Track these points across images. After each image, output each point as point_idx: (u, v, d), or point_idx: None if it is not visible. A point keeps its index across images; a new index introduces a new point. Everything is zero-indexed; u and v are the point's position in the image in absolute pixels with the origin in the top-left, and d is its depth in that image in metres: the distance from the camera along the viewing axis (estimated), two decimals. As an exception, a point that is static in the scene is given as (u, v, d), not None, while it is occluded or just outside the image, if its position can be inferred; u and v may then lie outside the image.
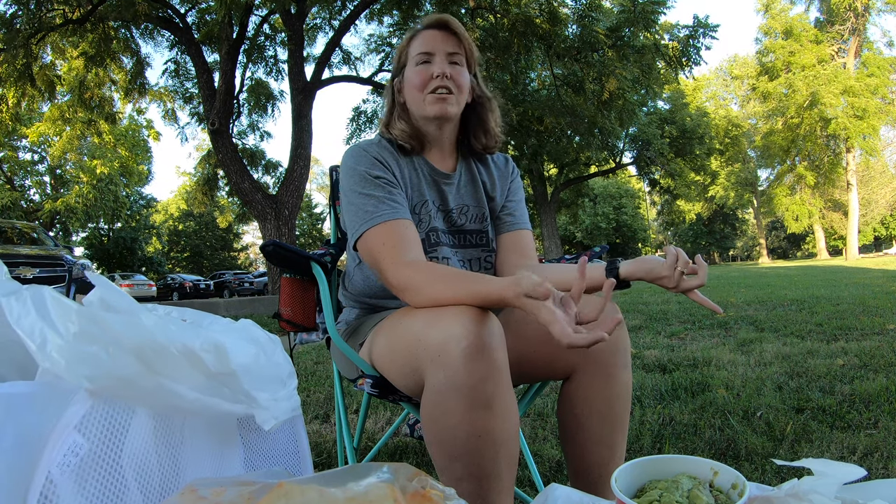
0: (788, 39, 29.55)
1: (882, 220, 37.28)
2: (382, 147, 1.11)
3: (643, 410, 1.97)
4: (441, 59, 1.08)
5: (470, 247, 1.17)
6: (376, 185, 1.04)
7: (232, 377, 0.73)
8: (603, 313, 0.79)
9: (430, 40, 1.09)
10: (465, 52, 1.11)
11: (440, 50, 1.08)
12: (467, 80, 1.11)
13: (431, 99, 1.07)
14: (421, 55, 1.09)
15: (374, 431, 1.97)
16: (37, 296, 0.65)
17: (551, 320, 0.74)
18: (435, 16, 1.11)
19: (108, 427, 0.67)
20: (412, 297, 0.91)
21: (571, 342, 0.72)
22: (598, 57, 9.52)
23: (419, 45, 1.10)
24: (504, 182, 1.24)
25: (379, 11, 10.89)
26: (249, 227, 39.52)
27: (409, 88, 1.11)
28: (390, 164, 1.09)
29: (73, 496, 0.60)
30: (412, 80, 1.10)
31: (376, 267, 0.99)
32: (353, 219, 1.03)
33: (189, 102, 12.34)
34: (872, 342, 3.02)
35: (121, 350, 0.64)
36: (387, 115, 1.17)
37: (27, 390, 0.63)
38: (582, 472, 1.01)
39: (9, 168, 24.14)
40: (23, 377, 0.73)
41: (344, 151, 1.13)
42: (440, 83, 1.07)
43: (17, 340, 0.65)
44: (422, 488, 0.62)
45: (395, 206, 1.02)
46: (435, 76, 1.07)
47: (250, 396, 0.77)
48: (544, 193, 21.84)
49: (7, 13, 8.93)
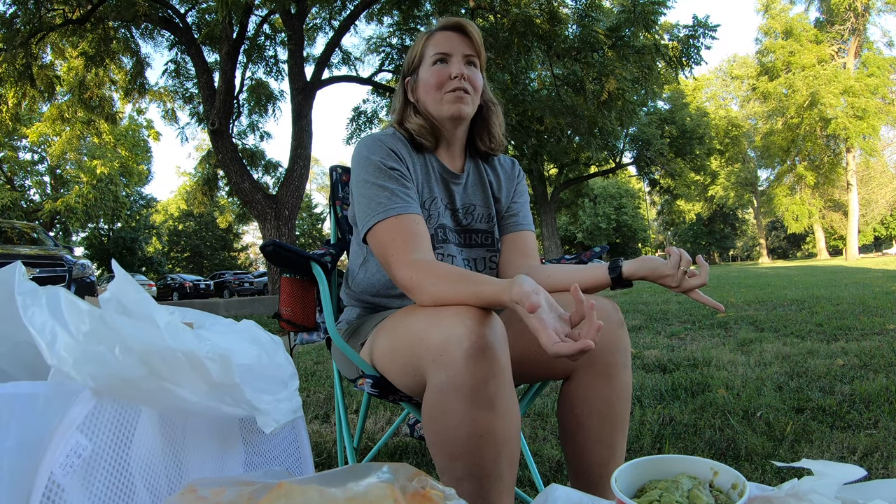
0: (788, 39, 29.55)
1: (882, 220, 37.25)
2: (397, 139, 1.12)
3: (643, 410, 1.97)
4: (458, 61, 1.10)
5: (476, 246, 1.18)
6: (390, 177, 1.03)
7: (235, 388, 0.73)
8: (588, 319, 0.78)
9: (447, 41, 1.10)
10: (478, 55, 1.12)
11: (457, 51, 1.10)
12: (482, 83, 1.14)
13: (450, 98, 1.09)
14: (438, 55, 1.10)
15: (374, 431, 1.97)
16: (52, 296, 0.66)
17: (539, 328, 0.74)
18: (452, 18, 1.12)
19: (113, 428, 0.67)
20: (416, 295, 0.91)
21: (557, 352, 0.72)
22: (598, 57, 9.52)
23: (436, 46, 1.11)
24: (510, 184, 1.25)
25: (379, 11, 10.89)
26: (249, 227, 39.51)
27: (426, 88, 1.11)
28: (404, 157, 1.09)
29: (79, 497, 0.61)
30: (429, 80, 1.10)
31: (384, 261, 0.99)
32: (365, 209, 1.02)
33: (189, 102, 12.33)
34: (872, 342, 3.02)
35: (128, 352, 0.64)
36: (399, 112, 1.17)
37: (31, 391, 0.63)
38: (582, 472, 1.01)
39: (9, 168, 24.14)
40: (33, 378, 0.73)
41: (359, 140, 1.13)
42: (458, 84, 1.08)
43: (29, 341, 0.66)
44: (422, 488, 0.62)
45: (407, 201, 1.02)
46: (453, 77, 1.08)
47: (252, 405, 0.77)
48: (544, 193, 21.84)
49: (7, 13, 8.93)
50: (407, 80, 1.17)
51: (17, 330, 0.67)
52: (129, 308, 0.70)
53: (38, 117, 15.31)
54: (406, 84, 1.17)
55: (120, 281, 0.71)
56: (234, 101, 10.26)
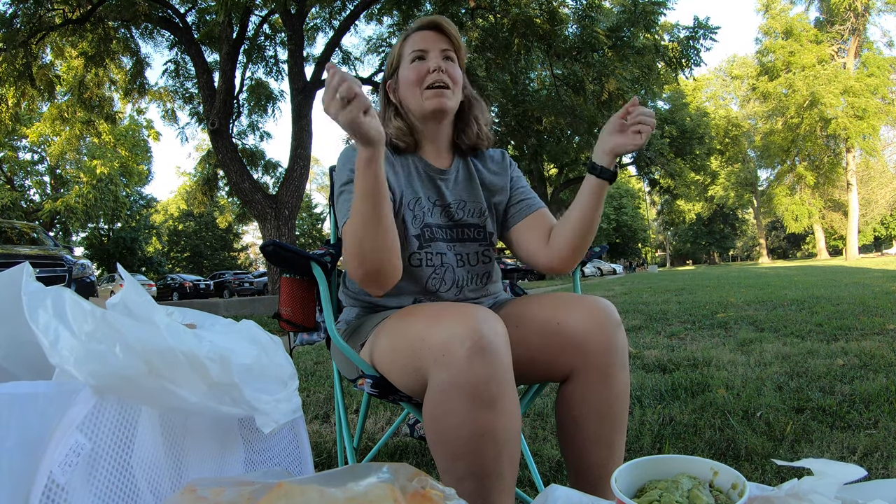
0: (788, 39, 29.58)
1: (882, 220, 37.30)
2: None
3: (643, 410, 1.97)
4: (436, 56, 1.11)
5: (468, 240, 1.18)
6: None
7: (234, 387, 0.74)
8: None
9: (424, 40, 1.12)
10: (456, 50, 1.14)
11: (434, 47, 1.12)
12: (461, 76, 1.15)
13: (429, 94, 1.10)
14: (415, 52, 1.11)
15: (374, 431, 1.97)
16: (57, 296, 0.67)
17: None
18: (427, 18, 1.14)
19: (113, 427, 0.67)
20: (353, 272, 0.94)
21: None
22: (598, 57, 9.52)
23: (412, 45, 1.13)
24: (505, 175, 1.26)
25: (379, 12, 10.89)
26: (249, 227, 39.56)
27: (406, 85, 1.13)
28: None
29: (78, 497, 0.61)
30: (408, 77, 1.12)
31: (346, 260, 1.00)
32: (339, 216, 1.06)
33: (189, 102, 12.34)
34: (872, 342, 3.02)
35: (129, 351, 0.65)
36: (380, 116, 1.18)
37: (31, 390, 0.63)
38: (581, 473, 1.01)
39: (9, 168, 24.15)
40: (37, 378, 0.74)
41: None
42: (437, 77, 1.09)
43: (33, 342, 0.66)
44: (422, 488, 0.62)
45: None
46: (431, 71, 1.10)
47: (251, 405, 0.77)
48: (544, 193, 21.88)
49: (7, 13, 8.93)
50: (388, 82, 1.19)
51: (22, 330, 0.68)
52: (133, 310, 0.70)
53: (38, 117, 15.31)
54: (388, 87, 1.19)
55: (128, 286, 0.72)
56: (234, 101, 10.27)
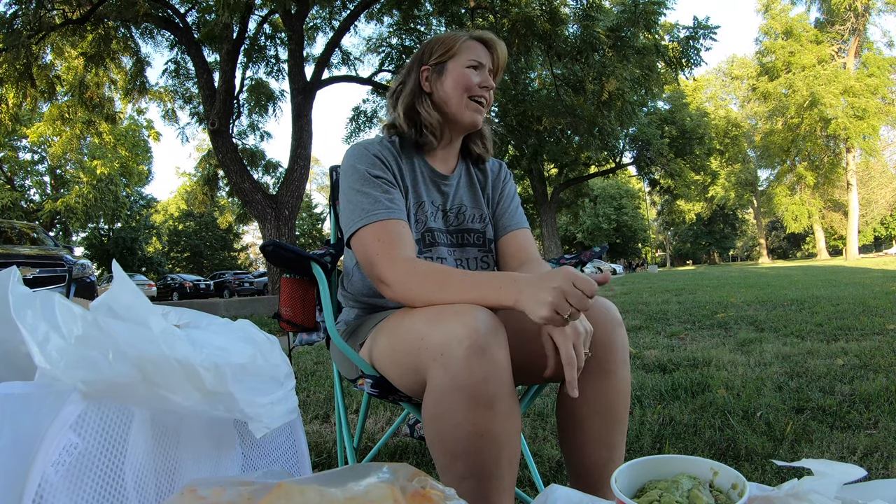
0: (788, 40, 29.58)
1: (882, 220, 37.30)
2: (384, 146, 1.13)
3: (643, 410, 1.97)
4: (487, 73, 1.15)
5: (469, 245, 1.19)
6: (375, 185, 1.05)
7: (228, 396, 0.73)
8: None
9: (482, 52, 1.15)
10: (497, 75, 1.19)
11: (488, 64, 1.15)
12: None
13: (473, 106, 1.13)
14: (474, 61, 1.13)
15: (374, 431, 1.97)
16: (45, 299, 0.66)
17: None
18: (489, 34, 1.17)
19: (106, 427, 0.67)
20: (403, 292, 0.92)
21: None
22: (598, 57, 9.51)
23: (473, 52, 1.14)
24: (497, 185, 1.27)
25: (379, 11, 10.89)
26: (249, 227, 39.51)
27: (455, 85, 1.12)
28: (391, 164, 1.11)
29: (67, 496, 0.60)
30: (460, 80, 1.12)
31: (368, 263, 0.99)
32: (350, 216, 1.04)
33: (189, 102, 12.33)
34: (872, 342, 3.02)
35: (121, 357, 0.64)
36: (409, 97, 1.15)
37: (23, 391, 0.63)
38: (581, 473, 1.00)
39: (9, 168, 24.14)
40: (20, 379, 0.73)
41: (346, 150, 1.14)
42: (484, 94, 1.14)
43: (15, 343, 0.66)
44: (422, 488, 0.62)
45: (391, 207, 1.04)
46: (482, 86, 1.13)
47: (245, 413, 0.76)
48: (544, 193, 21.84)
49: (7, 13, 8.93)
50: (425, 68, 1.16)
51: (9, 333, 0.67)
52: (122, 313, 0.69)
53: (39, 117, 15.29)
54: (423, 72, 1.16)
55: (116, 285, 0.70)
56: (234, 101, 10.27)
